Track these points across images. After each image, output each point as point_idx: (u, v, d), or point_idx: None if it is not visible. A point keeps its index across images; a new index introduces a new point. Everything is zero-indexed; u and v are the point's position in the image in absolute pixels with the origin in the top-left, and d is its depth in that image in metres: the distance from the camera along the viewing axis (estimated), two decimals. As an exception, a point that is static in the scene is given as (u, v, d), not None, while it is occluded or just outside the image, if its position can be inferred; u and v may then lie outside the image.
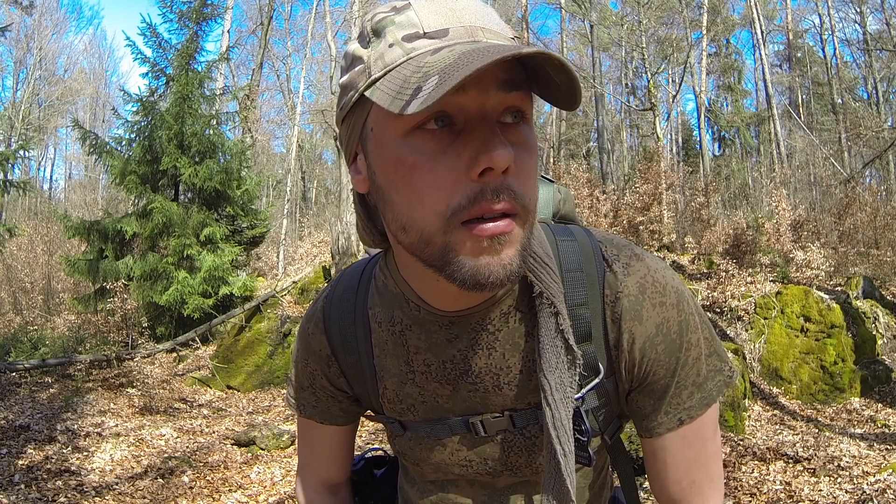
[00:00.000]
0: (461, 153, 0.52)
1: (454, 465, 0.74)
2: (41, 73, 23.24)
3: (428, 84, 0.47)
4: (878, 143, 13.06)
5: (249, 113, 12.39)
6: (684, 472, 0.69)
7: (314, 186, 24.78)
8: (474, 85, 0.51)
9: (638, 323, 0.65)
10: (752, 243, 7.80)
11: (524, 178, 0.54)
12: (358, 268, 0.79)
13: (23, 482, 3.71)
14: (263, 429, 4.87)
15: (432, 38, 0.52)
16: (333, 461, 0.86)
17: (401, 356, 0.71)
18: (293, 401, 0.83)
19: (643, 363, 0.66)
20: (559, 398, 0.62)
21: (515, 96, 0.53)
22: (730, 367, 0.70)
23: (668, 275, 0.68)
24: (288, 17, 22.10)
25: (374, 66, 0.54)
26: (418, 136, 0.53)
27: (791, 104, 20.46)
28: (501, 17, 0.59)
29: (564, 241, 0.69)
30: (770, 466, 3.91)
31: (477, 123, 0.52)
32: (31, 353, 6.87)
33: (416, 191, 0.53)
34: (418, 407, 0.72)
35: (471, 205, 0.52)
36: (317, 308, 0.79)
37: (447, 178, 0.52)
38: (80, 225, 8.38)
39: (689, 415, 0.67)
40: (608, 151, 16.40)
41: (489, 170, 0.51)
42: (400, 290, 0.68)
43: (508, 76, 0.52)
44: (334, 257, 8.35)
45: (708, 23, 16.00)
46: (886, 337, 5.89)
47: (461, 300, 0.64)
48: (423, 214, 0.53)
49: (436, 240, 0.54)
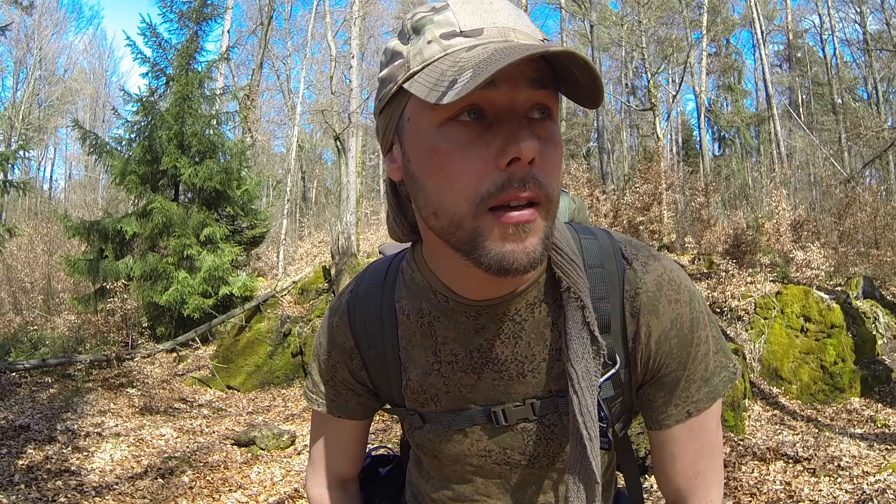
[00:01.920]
0: (491, 144, 0.56)
1: (473, 456, 0.76)
2: (41, 73, 23.24)
3: (463, 77, 0.51)
4: (878, 143, 13.05)
5: (249, 113, 12.39)
6: (690, 463, 0.73)
7: (314, 186, 24.78)
8: (505, 81, 0.54)
9: (655, 317, 0.69)
10: (752, 243, 7.80)
11: (549, 170, 0.58)
12: (383, 264, 0.82)
13: (23, 482, 3.71)
14: (263, 429, 4.87)
15: (468, 36, 0.56)
16: (346, 456, 0.88)
17: (428, 347, 0.74)
18: (311, 395, 0.86)
19: (658, 355, 0.70)
20: (585, 386, 0.66)
21: (543, 94, 0.57)
22: (734, 363, 0.74)
23: (681, 274, 0.72)
24: (288, 17, 22.09)
25: (413, 61, 0.58)
26: (452, 127, 0.56)
27: (791, 104, 20.46)
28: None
29: (587, 239, 0.74)
30: (770, 466, 3.91)
31: (506, 117, 0.56)
32: (31, 353, 6.87)
33: (448, 177, 0.57)
34: (441, 397, 0.75)
35: (499, 192, 0.55)
36: (342, 302, 0.82)
37: (477, 166, 0.56)
38: (80, 225, 8.38)
39: (697, 408, 0.71)
40: (608, 151, 16.40)
41: (516, 160, 0.55)
42: (428, 282, 0.72)
43: (537, 75, 0.56)
44: (334, 257, 8.34)
45: (708, 23, 16.01)
46: (886, 337, 5.89)
47: (488, 289, 0.67)
48: (454, 200, 0.57)
49: (465, 224, 0.58)
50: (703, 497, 0.73)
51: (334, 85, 14.09)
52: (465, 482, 0.79)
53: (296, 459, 4.53)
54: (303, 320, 7.36)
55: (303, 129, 21.60)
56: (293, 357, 7.04)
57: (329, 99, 15.53)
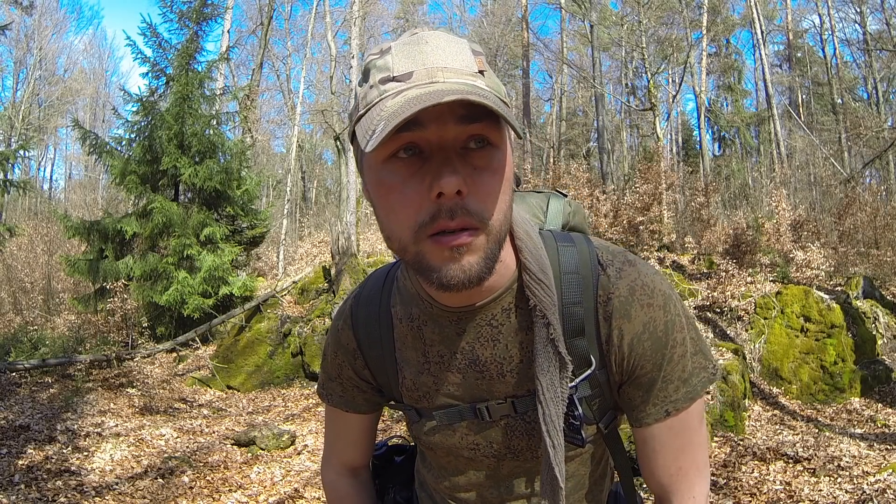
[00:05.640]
0: (425, 178, 0.61)
1: (463, 449, 0.82)
2: (41, 73, 23.24)
3: (378, 128, 0.57)
4: (878, 143, 13.05)
5: (249, 113, 12.38)
6: (672, 459, 0.76)
7: (314, 186, 24.77)
8: (434, 120, 0.59)
9: (627, 321, 0.74)
10: (752, 243, 7.79)
11: (482, 197, 0.62)
12: (384, 270, 0.89)
13: (23, 482, 3.71)
14: (263, 429, 4.87)
15: (399, 81, 0.61)
16: (356, 447, 0.96)
17: (418, 349, 0.80)
18: (322, 391, 0.93)
19: (631, 357, 0.74)
20: (549, 397, 0.71)
21: (476, 127, 0.61)
22: (714, 365, 0.78)
23: (657, 279, 0.76)
24: (288, 17, 22.08)
25: (360, 104, 0.64)
26: (393, 163, 0.62)
27: (791, 104, 20.46)
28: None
29: (565, 247, 0.78)
30: (770, 466, 3.91)
31: (436, 153, 0.61)
32: (31, 353, 6.87)
33: (392, 208, 0.63)
34: (433, 395, 0.81)
35: (431, 221, 0.61)
36: (346, 306, 0.89)
37: (414, 198, 0.62)
38: (80, 225, 8.38)
39: (676, 407, 0.74)
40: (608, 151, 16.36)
41: (441, 193, 0.60)
42: (416, 289, 0.78)
43: (465, 111, 0.59)
44: (334, 257, 8.34)
45: (708, 23, 16.00)
46: (886, 337, 5.89)
47: (460, 297, 0.72)
48: (398, 227, 0.64)
49: (409, 248, 0.64)
50: (685, 492, 0.77)
51: (334, 85, 14.08)
52: (459, 473, 0.86)
53: (296, 459, 4.53)
54: (303, 320, 7.36)
55: (303, 129, 21.62)
56: (293, 357, 7.04)
57: (329, 99, 15.52)
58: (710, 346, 4.23)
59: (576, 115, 22.83)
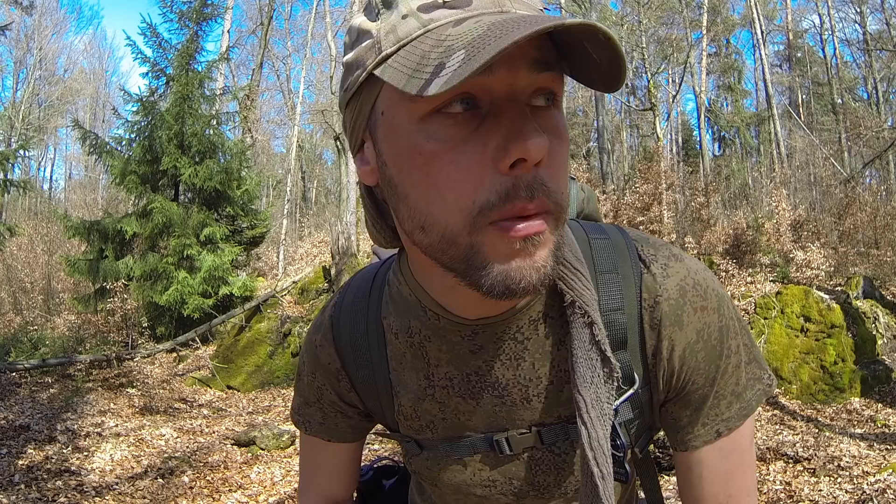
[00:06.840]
0: (487, 142, 0.45)
1: (476, 486, 0.68)
2: (41, 73, 23.26)
3: (452, 60, 0.41)
4: (878, 143, 13.05)
5: (249, 113, 12.39)
6: (721, 485, 0.64)
7: (314, 186, 24.78)
8: (504, 63, 0.44)
9: (678, 329, 0.60)
10: (752, 243, 7.80)
11: (557, 171, 0.48)
12: (369, 273, 0.72)
13: (23, 482, 3.71)
14: (263, 429, 4.87)
15: (453, 7, 0.46)
16: (339, 479, 0.80)
17: (420, 370, 0.65)
18: (298, 417, 0.77)
19: (682, 372, 0.61)
20: (595, 416, 0.56)
21: (548, 77, 0.46)
22: (769, 374, 0.65)
23: (708, 276, 0.63)
24: (288, 17, 22.15)
25: (384, 41, 0.47)
26: (438, 121, 0.46)
27: (791, 104, 20.47)
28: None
29: (598, 240, 0.64)
30: (770, 466, 3.91)
31: (506, 107, 0.46)
32: (31, 353, 6.88)
33: (436, 185, 0.46)
34: (438, 424, 0.66)
35: (502, 202, 0.45)
36: (324, 318, 0.72)
37: (472, 170, 0.45)
38: (80, 225, 8.39)
39: (728, 426, 0.62)
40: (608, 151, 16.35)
41: (521, 161, 0.45)
42: (416, 296, 0.62)
43: (541, 54, 0.45)
44: (334, 257, 8.35)
45: (708, 23, 16.00)
46: (886, 337, 5.89)
47: (485, 306, 0.58)
48: (445, 212, 0.47)
49: (460, 240, 0.47)
50: None
51: (334, 85, 14.08)
52: None
53: (296, 459, 4.53)
54: (303, 320, 7.36)
55: (303, 129, 21.60)
56: (293, 357, 7.04)
57: (329, 99, 15.51)
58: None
59: (576, 115, 22.82)
